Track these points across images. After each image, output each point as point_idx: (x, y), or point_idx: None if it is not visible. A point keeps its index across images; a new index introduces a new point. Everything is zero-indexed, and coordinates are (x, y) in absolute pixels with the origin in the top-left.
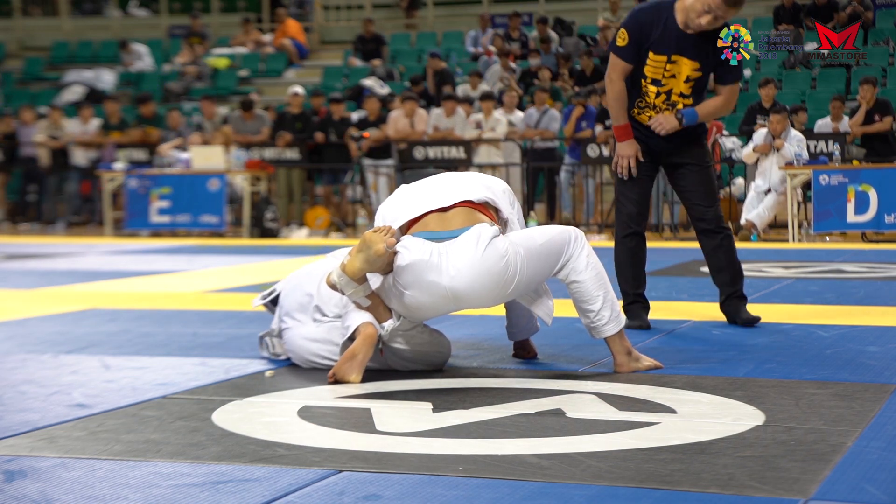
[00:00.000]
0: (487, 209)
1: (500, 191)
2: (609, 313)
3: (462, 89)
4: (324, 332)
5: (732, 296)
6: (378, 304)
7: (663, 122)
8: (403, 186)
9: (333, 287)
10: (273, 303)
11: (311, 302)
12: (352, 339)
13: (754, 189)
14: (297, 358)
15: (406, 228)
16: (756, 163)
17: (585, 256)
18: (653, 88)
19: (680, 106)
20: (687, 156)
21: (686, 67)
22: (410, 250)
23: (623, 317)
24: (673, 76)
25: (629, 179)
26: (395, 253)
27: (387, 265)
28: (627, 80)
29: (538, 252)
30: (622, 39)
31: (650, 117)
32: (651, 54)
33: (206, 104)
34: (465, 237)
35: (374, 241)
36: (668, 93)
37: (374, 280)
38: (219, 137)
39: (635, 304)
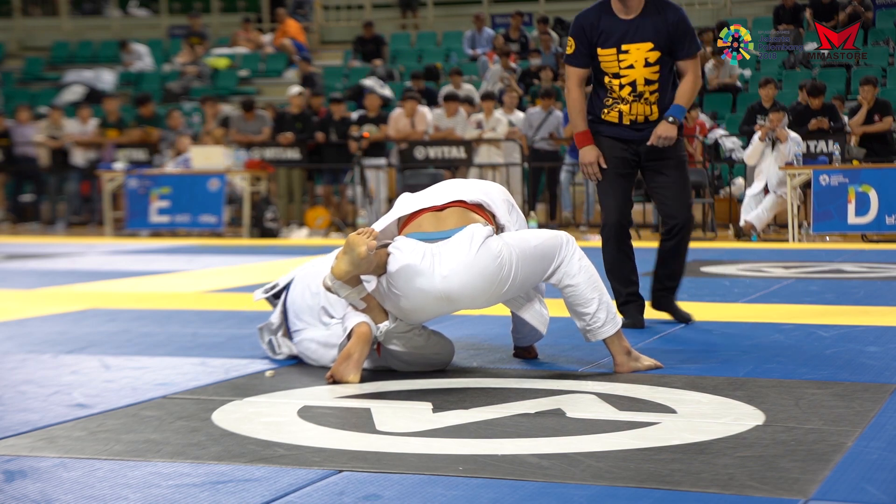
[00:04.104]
0: (482, 211)
1: (498, 198)
2: (605, 315)
3: (447, 88)
4: (333, 337)
5: (667, 289)
6: (374, 306)
7: (661, 134)
8: (406, 194)
9: (329, 289)
10: (276, 296)
11: (318, 303)
12: (348, 339)
13: (750, 192)
14: (312, 363)
15: (401, 228)
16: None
17: (578, 260)
18: (615, 82)
19: (647, 94)
20: (666, 150)
21: (640, 52)
22: (403, 251)
23: (619, 318)
24: (630, 66)
25: (608, 185)
26: (388, 254)
27: (379, 266)
28: (594, 83)
29: (532, 254)
30: (570, 47)
31: (621, 113)
32: (600, 50)
33: (209, 105)
34: (458, 237)
35: (356, 243)
36: (633, 83)
37: (370, 282)
38: (209, 141)
39: (629, 303)
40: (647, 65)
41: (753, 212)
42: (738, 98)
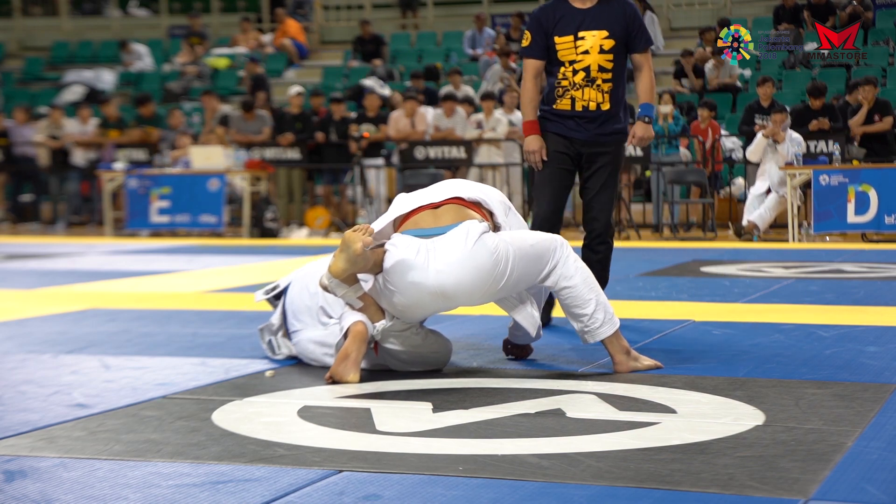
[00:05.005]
0: (480, 209)
1: (495, 199)
2: (603, 315)
3: (447, 89)
4: (330, 337)
5: None
6: (371, 305)
7: (640, 135)
8: (402, 194)
9: (326, 289)
10: (276, 297)
11: (316, 303)
12: (345, 338)
13: (753, 192)
14: (311, 363)
15: (398, 226)
16: (757, 164)
17: (573, 262)
18: (569, 69)
19: (600, 81)
20: (606, 155)
21: (596, 39)
22: (398, 247)
23: (617, 319)
24: (586, 52)
25: (547, 177)
26: (385, 252)
27: (376, 265)
28: (549, 76)
29: (528, 252)
30: (525, 40)
31: (573, 99)
32: (557, 39)
33: (208, 99)
34: (453, 233)
35: (352, 240)
36: (587, 69)
37: (367, 282)
38: (212, 139)
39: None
40: (602, 52)
41: (756, 211)
42: (738, 98)
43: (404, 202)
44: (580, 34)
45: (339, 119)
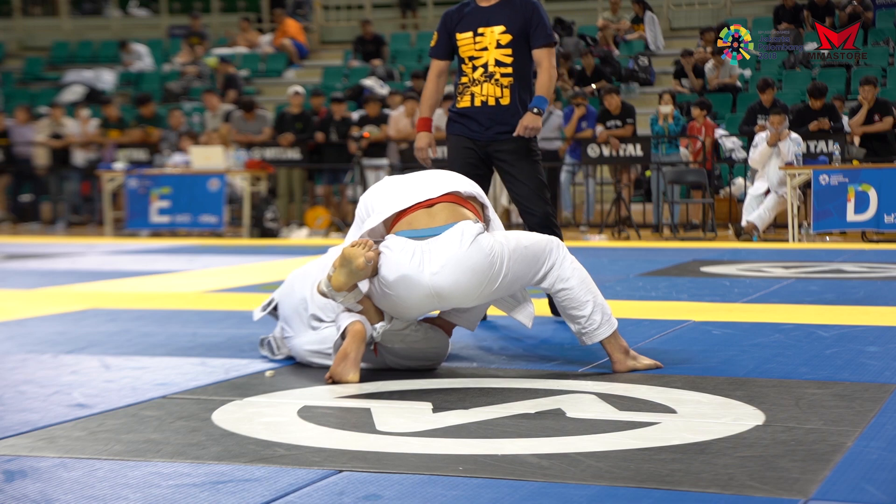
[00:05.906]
0: (473, 205)
1: (481, 193)
2: (600, 317)
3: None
4: (327, 340)
5: None
6: (370, 307)
7: (527, 124)
8: (388, 177)
9: (324, 296)
10: (275, 309)
11: (306, 308)
12: (342, 338)
13: (752, 193)
14: (309, 364)
15: (392, 224)
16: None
17: (570, 263)
18: (470, 66)
19: (498, 76)
20: (514, 151)
21: (493, 35)
22: (393, 251)
23: (615, 319)
24: (485, 48)
25: None
26: (379, 254)
27: (373, 268)
28: (457, 76)
29: (523, 253)
30: (433, 41)
31: (473, 95)
32: (458, 35)
33: (209, 97)
34: (448, 234)
35: (353, 256)
36: (485, 65)
37: (363, 284)
38: (216, 138)
39: None
40: (499, 46)
41: (755, 212)
42: (738, 98)
43: (395, 197)
44: (479, 30)
45: (340, 119)
